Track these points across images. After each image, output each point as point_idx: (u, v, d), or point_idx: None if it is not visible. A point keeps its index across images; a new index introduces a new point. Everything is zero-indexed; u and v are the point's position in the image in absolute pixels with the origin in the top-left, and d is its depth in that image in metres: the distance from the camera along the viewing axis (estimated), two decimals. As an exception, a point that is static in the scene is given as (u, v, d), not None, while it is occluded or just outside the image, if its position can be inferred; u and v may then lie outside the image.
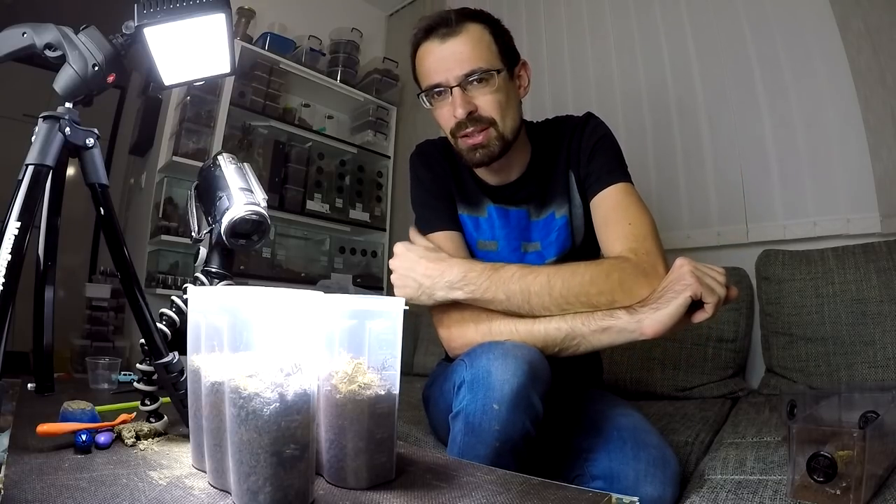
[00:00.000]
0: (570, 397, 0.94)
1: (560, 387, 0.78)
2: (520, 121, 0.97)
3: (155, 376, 0.68)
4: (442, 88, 0.91)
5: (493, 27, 0.94)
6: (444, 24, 0.91)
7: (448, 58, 0.90)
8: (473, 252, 1.01)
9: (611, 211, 0.92)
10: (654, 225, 0.89)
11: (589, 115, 1.01)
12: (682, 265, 0.77)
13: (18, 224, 0.55)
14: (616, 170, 0.95)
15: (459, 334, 0.88)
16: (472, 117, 0.90)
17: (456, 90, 0.89)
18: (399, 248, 0.92)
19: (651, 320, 0.74)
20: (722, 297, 0.74)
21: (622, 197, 0.92)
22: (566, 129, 1.01)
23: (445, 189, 1.02)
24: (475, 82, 0.89)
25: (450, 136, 0.96)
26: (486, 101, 0.90)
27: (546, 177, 1.00)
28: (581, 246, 0.99)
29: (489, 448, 0.70)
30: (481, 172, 1.01)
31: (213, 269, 0.77)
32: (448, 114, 0.92)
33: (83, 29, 0.61)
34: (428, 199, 1.02)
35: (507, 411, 0.70)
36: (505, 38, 0.95)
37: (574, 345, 0.80)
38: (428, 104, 0.96)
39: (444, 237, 0.98)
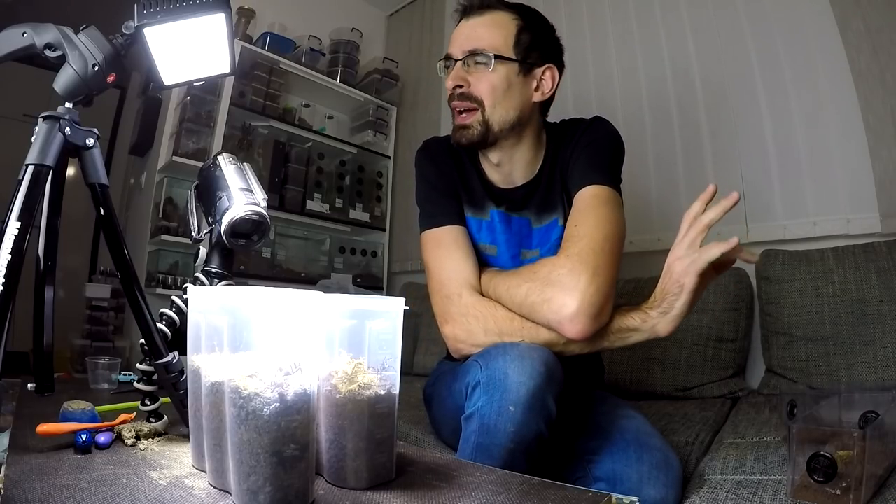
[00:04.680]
0: (574, 399, 0.93)
1: (564, 389, 0.78)
2: (516, 118, 0.94)
3: (155, 376, 0.68)
4: (450, 61, 0.96)
5: (527, 21, 0.96)
6: (473, 5, 0.96)
7: (463, 34, 0.95)
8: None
9: (572, 216, 0.89)
10: (607, 233, 0.83)
11: (593, 119, 0.99)
12: (671, 263, 0.80)
13: (18, 224, 0.55)
14: (594, 171, 0.90)
15: (467, 335, 0.87)
16: (462, 93, 0.94)
17: (458, 63, 0.94)
18: None
19: (664, 322, 0.80)
20: (734, 244, 0.76)
21: (590, 200, 0.88)
22: (569, 133, 0.99)
23: (451, 185, 1.01)
24: (475, 62, 0.93)
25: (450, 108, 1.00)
26: (479, 81, 0.93)
27: (549, 183, 0.99)
28: None
29: (503, 449, 0.70)
30: (488, 172, 1.01)
31: (213, 269, 0.77)
32: (448, 85, 0.97)
33: (83, 29, 0.61)
34: (432, 195, 1.01)
35: (522, 413, 0.70)
36: (537, 34, 0.96)
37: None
38: (441, 74, 1.00)
39: (446, 232, 0.96)
